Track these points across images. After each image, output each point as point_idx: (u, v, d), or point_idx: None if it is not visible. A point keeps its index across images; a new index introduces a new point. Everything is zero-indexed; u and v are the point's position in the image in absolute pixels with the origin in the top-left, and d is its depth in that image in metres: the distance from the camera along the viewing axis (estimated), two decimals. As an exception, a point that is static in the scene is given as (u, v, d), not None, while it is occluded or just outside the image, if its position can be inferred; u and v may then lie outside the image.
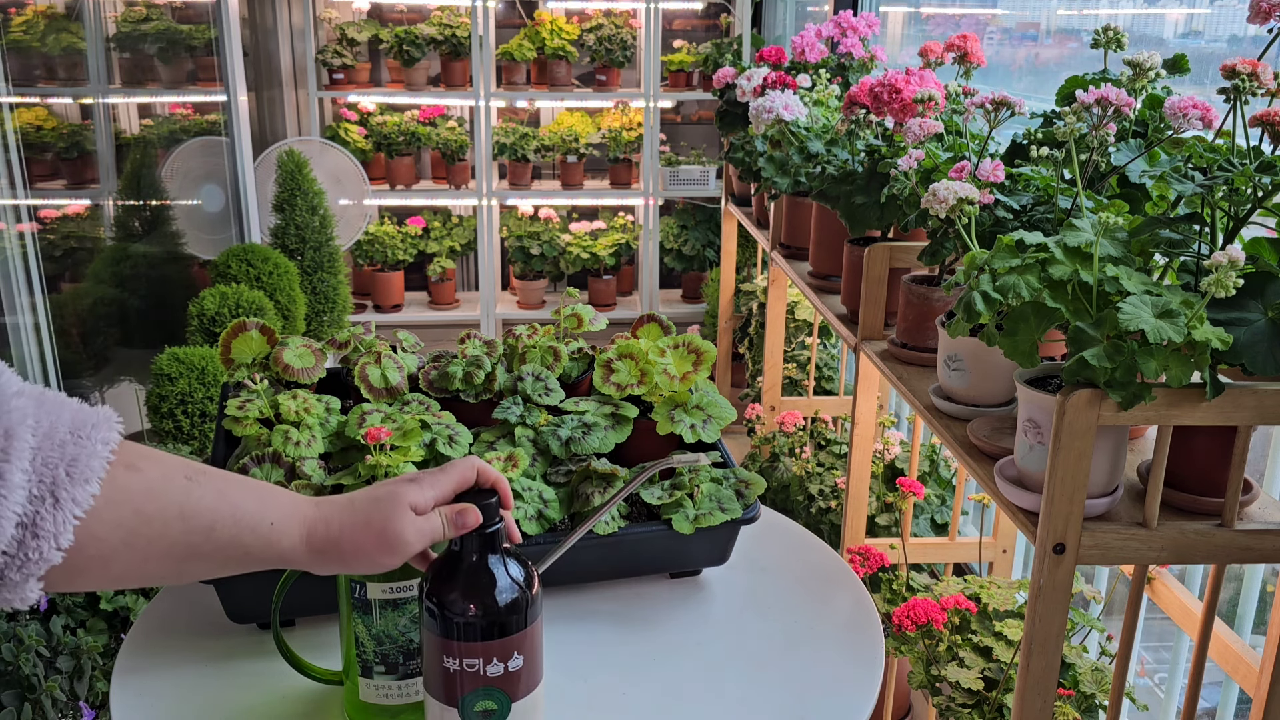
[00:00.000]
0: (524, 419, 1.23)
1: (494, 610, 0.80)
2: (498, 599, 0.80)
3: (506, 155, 4.41)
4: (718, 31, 4.67)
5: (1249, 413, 0.87)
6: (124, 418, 0.71)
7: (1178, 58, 1.16)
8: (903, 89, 1.39)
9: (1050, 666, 0.95)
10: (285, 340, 1.29)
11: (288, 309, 3.17)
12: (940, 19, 2.90)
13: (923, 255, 1.29)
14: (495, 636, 0.80)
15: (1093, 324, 0.86)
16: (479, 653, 0.80)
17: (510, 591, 0.81)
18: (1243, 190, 0.89)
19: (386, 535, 0.77)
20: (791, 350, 3.04)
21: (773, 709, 0.99)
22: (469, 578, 0.81)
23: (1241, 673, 1.20)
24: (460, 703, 0.81)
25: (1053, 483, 0.89)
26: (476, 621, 0.79)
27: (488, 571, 0.81)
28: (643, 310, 4.47)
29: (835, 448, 2.45)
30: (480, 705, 0.81)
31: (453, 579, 0.81)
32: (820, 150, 1.73)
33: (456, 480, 0.82)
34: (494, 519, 0.82)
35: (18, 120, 2.55)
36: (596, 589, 1.18)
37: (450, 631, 0.80)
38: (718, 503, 1.14)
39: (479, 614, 0.79)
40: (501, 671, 0.80)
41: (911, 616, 1.44)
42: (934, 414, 1.23)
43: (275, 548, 0.75)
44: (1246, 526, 0.93)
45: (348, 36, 4.38)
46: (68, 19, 3.15)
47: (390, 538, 0.77)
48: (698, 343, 1.28)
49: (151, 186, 3.38)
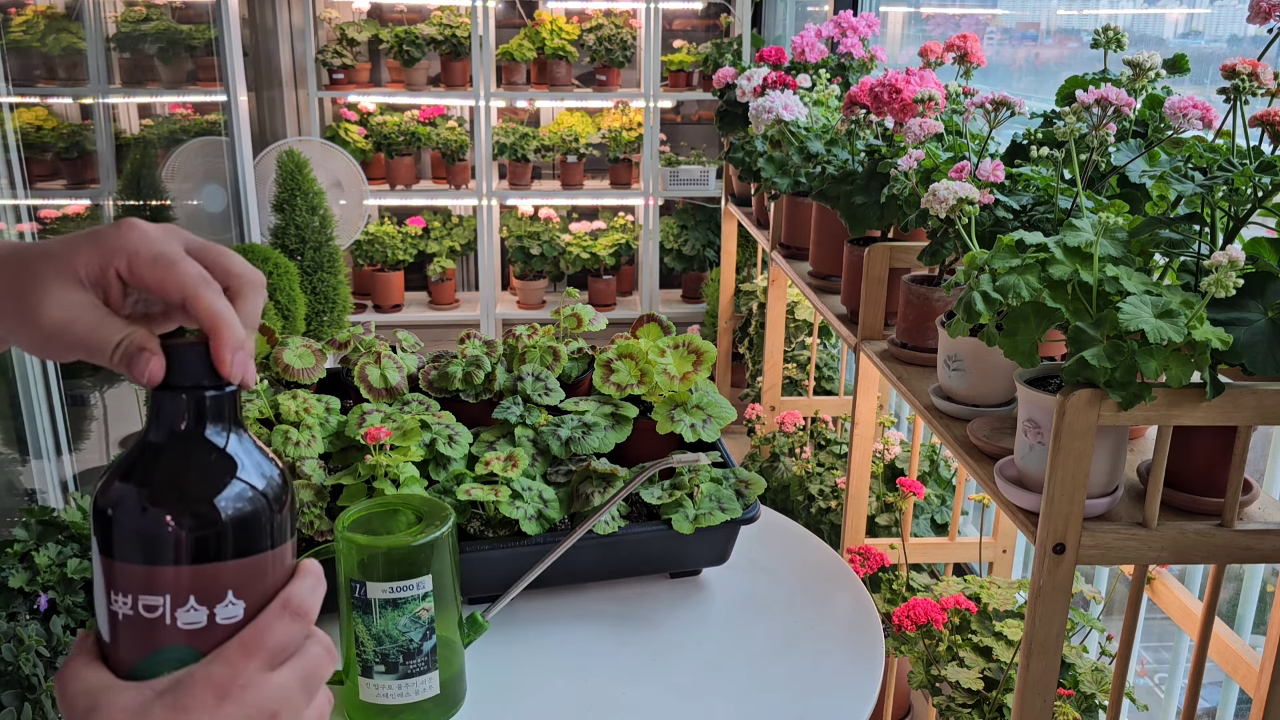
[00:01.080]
0: (524, 419, 1.23)
1: (198, 516, 0.48)
2: (205, 499, 0.48)
3: (506, 155, 4.41)
4: (718, 31, 4.67)
5: (1249, 413, 0.87)
6: (124, 418, 0.70)
7: (1178, 58, 1.16)
8: (903, 89, 1.39)
9: (1050, 666, 0.95)
10: (285, 340, 1.29)
11: (288, 309, 3.17)
12: (940, 19, 2.90)
13: (923, 255, 1.29)
14: (195, 560, 0.48)
15: (1093, 324, 0.86)
16: (166, 585, 0.47)
17: (235, 492, 0.49)
18: (1243, 190, 0.89)
19: (25, 301, 0.50)
20: (791, 350, 3.04)
21: (773, 709, 0.98)
22: (164, 463, 0.49)
23: (1241, 673, 1.20)
24: (131, 669, 0.48)
25: (1053, 483, 0.89)
26: (164, 534, 0.47)
27: (196, 456, 0.49)
28: (643, 310, 4.47)
29: (835, 448, 2.44)
30: (163, 673, 0.47)
31: (140, 464, 0.49)
32: (820, 150, 1.73)
33: (161, 275, 0.50)
34: (201, 379, 0.49)
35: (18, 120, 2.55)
36: (596, 589, 1.18)
37: (119, 548, 0.48)
38: (718, 503, 1.14)
39: (171, 523, 0.47)
40: (203, 621, 0.48)
41: (911, 616, 1.44)
42: (934, 414, 1.23)
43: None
44: (1246, 526, 0.93)
45: (348, 36, 4.38)
46: (68, 19, 3.15)
47: (27, 306, 0.50)
48: (698, 343, 1.27)
49: (151, 186, 3.38)
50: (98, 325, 0.50)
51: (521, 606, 1.14)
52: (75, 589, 2.02)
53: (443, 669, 0.96)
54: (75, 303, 0.50)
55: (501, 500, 1.10)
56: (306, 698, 0.48)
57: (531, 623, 1.12)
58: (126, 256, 0.50)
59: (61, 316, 0.50)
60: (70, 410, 2.55)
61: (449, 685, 0.97)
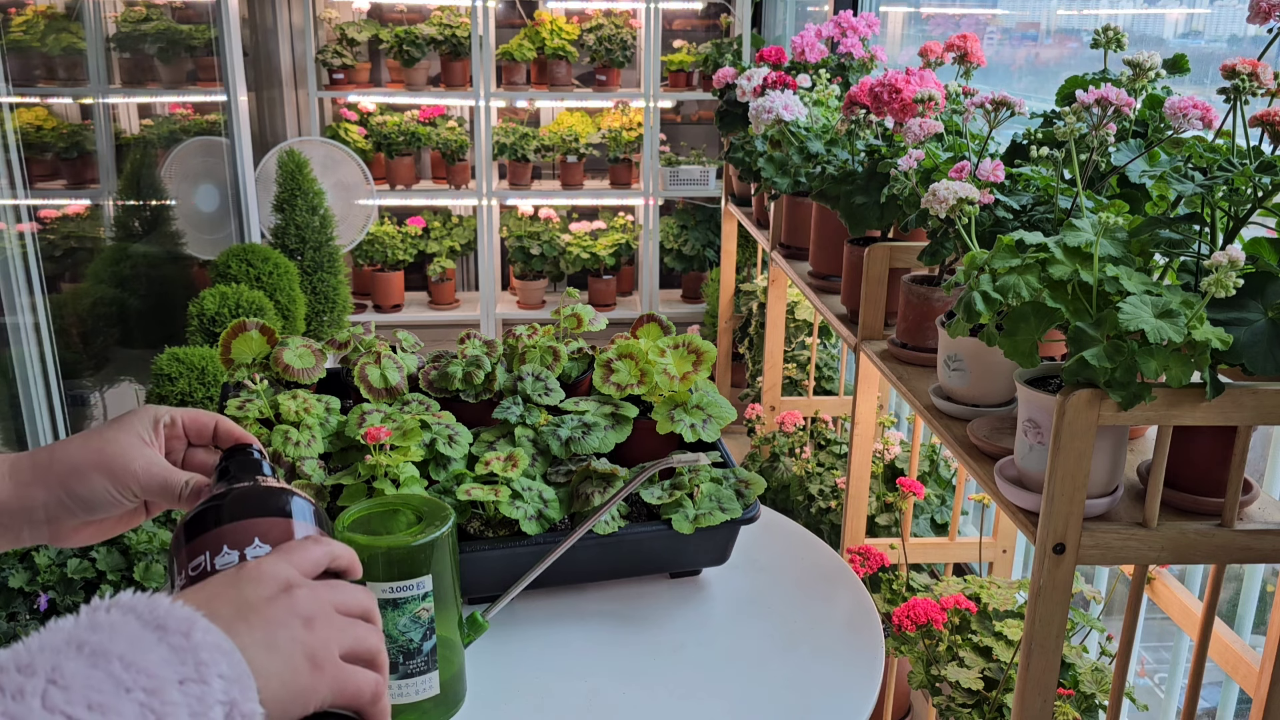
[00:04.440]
0: (524, 419, 1.23)
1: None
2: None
3: (506, 155, 4.41)
4: (718, 31, 4.67)
5: (1249, 413, 0.87)
6: None
7: (1178, 58, 1.16)
8: (903, 89, 1.39)
9: (1050, 666, 0.95)
10: (285, 340, 1.29)
11: (288, 309, 3.17)
12: (940, 19, 2.90)
13: (923, 255, 1.29)
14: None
15: (1093, 324, 0.86)
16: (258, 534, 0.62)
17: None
18: (1243, 190, 0.89)
19: (107, 453, 0.70)
20: (791, 350, 3.04)
21: (773, 709, 0.98)
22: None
23: (1241, 673, 1.20)
24: None
25: (1053, 483, 0.89)
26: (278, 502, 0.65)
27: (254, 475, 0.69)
28: (643, 310, 4.47)
29: (835, 448, 2.44)
30: None
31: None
32: (820, 150, 1.73)
33: (196, 416, 0.75)
34: (258, 469, 0.70)
35: (18, 120, 2.55)
36: (596, 589, 1.18)
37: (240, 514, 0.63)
38: (718, 503, 1.14)
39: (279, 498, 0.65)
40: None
41: (911, 616, 1.44)
42: (934, 414, 1.23)
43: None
44: (1246, 526, 0.93)
45: (348, 36, 4.38)
46: (68, 19, 3.15)
47: (110, 456, 0.70)
48: (698, 343, 1.27)
49: (151, 186, 3.38)
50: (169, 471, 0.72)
51: (521, 606, 1.14)
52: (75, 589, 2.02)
53: (443, 669, 0.96)
54: (152, 457, 0.72)
55: (501, 500, 1.10)
56: (343, 618, 0.57)
57: (531, 623, 1.12)
58: (171, 416, 0.75)
59: (142, 466, 0.71)
60: (70, 410, 2.55)
61: (449, 685, 0.97)
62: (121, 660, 0.46)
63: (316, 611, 0.56)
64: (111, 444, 0.71)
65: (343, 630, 0.57)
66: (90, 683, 0.44)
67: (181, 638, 0.48)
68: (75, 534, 0.73)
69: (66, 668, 0.44)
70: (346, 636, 0.57)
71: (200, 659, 0.47)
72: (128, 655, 0.46)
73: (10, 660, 0.44)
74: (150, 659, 0.46)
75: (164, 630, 0.48)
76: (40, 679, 0.43)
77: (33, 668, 0.44)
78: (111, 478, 0.70)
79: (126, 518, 0.75)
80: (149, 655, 0.46)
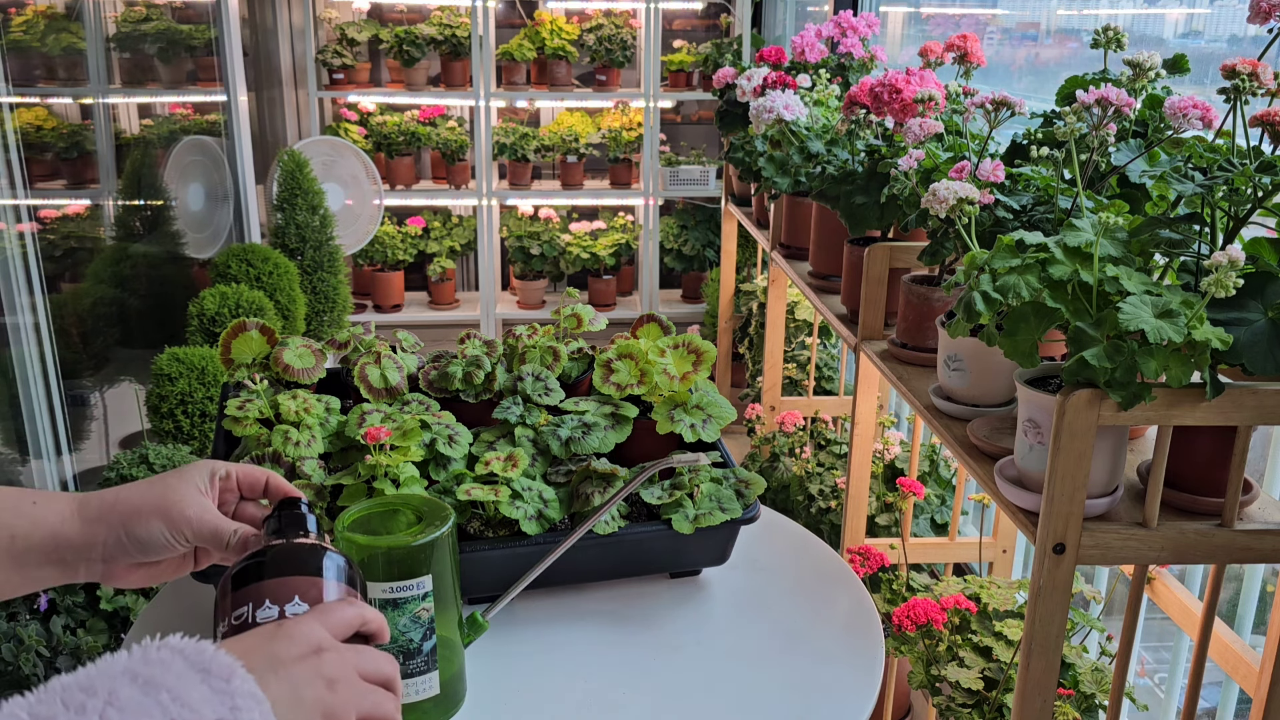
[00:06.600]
0: (524, 419, 1.23)
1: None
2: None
3: (506, 155, 4.41)
4: (718, 31, 4.67)
5: (1249, 413, 0.87)
6: (124, 418, 0.72)
7: (1178, 58, 1.16)
8: (903, 89, 1.39)
9: (1050, 666, 0.95)
10: (285, 340, 1.29)
11: (288, 309, 3.17)
12: (940, 19, 2.90)
13: (923, 255, 1.29)
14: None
15: (1093, 324, 0.86)
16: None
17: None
18: (1243, 190, 0.89)
19: (167, 499, 0.76)
20: (791, 350, 3.04)
21: (773, 709, 0.98)
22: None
23: (1241, 673, 1.20)
24: None
25: (1053, 483, 0.89)
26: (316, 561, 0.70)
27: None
28: (643, 310, 4.47)
29: (835, 448, 2.44)
30: None
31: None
32: (820, 150, 1.73)
33: (249, 472, 0.82)
34: (303, 524, 0.75)
35: (18, 120, 2.55)
36: (596, 589, 1.18)
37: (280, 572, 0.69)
38: (718, 503, 1.14)
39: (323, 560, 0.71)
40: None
41: (911, 616, 1.44)
42: (934, 414, 1.23)
43: (44, 525, 0.74)
44: (1246, 526, 0.93)
45: (348, 36, 4.38)
46: (68, 19, 3.15)
47: (170, 502, 0.76)
48: (698, 343, 1.27)
49: (151, 186, 3.38)
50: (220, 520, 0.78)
51: (521, 606, 1.14)
52: (75, 589, 2.02)
53: (443, 669, 0.96)
54: (206, 505, 0.78)
55: (501, 500, 1.10)
56: (364, 685, 0.63)
57: (531, 623, 1.12)
58: (226, 470, 0.81)
59: (196, 514, 0.77)
60: (70, 410, 2.55)
61: (449, 685, 0.97)
62: (170, 693, 0.52)
63: (340, 675, 0.62)
64: (172, 491, 0.77)
65: (362, 695, 0.63)
66: (142, 709, 0.50)
67: (223, 682, 0.54)
68: (127, 574, 0.78)
69: (122, 693, 0.51)
70: (365, 702, 0.63)
71: (236, 703, 0.54)
72: (175, 689, 0.52)
73: (74, 682, 0.51)
74: (194, 696, 0.52)
75: (207, 673, 0.54)
76: (100, 700, 0.50)
77: (93, 689, 0.51)
78: (168, 522, 0.76)
79: (175, 564, 0.80)
80: (193, 693, 0.53)
